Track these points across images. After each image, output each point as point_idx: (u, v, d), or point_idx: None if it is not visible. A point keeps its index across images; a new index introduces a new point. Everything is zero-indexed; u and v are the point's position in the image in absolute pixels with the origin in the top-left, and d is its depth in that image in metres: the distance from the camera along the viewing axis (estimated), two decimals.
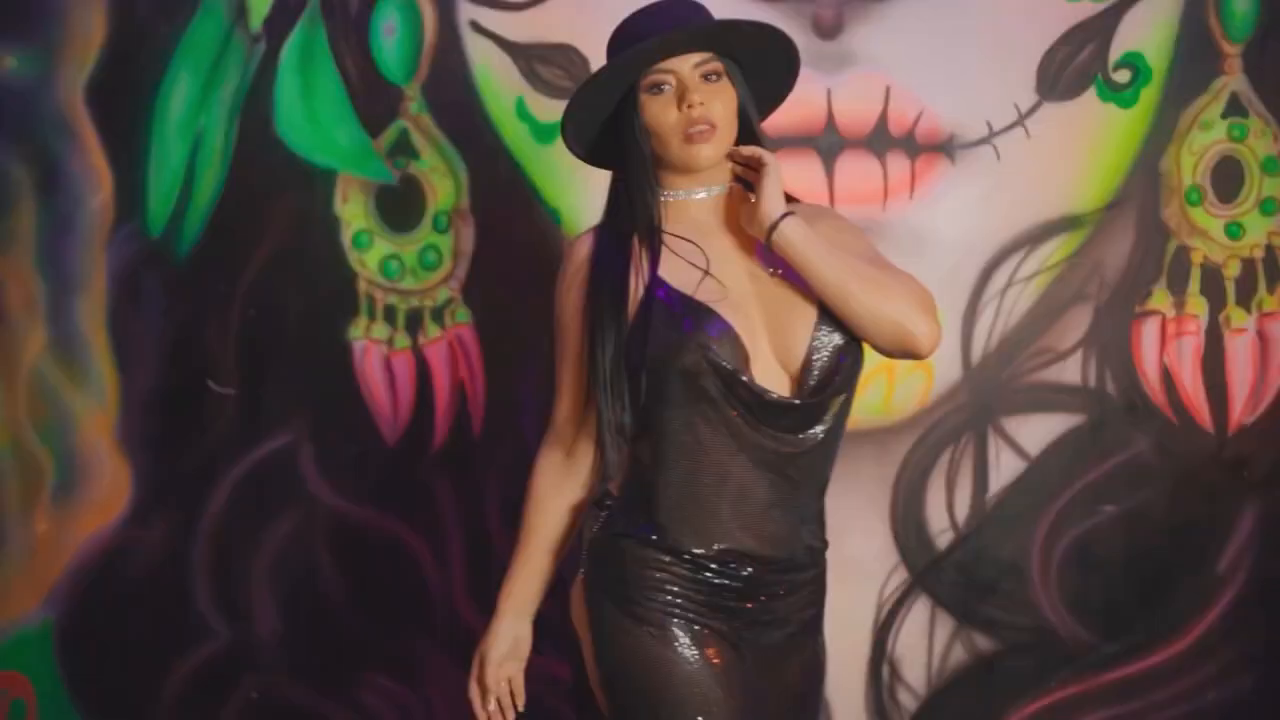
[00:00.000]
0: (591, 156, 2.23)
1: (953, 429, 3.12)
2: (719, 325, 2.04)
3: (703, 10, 2.14)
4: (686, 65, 2.09)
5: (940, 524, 3.14)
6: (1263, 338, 3.14)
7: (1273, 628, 3.15)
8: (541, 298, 3.02)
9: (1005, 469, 3.13)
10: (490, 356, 3.10)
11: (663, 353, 2.03)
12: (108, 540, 3.12)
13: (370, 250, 3.10)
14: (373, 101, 3.08)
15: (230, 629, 3.13)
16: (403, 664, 3.13)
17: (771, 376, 2.06)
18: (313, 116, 3.08)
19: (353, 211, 3.10)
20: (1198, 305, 3.13)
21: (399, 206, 3.09)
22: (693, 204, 2.16)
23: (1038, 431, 3.13)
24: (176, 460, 3.11)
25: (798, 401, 2.05)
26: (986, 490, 3.13)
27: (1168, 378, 3.13)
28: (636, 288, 2.09)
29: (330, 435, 3.10)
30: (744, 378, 2.03)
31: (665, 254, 2.11)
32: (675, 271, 2.10)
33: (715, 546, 2.06)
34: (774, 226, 2.06)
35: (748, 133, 2.15)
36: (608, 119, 2.15)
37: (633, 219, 2.12)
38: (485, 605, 3.06)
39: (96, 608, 3.13)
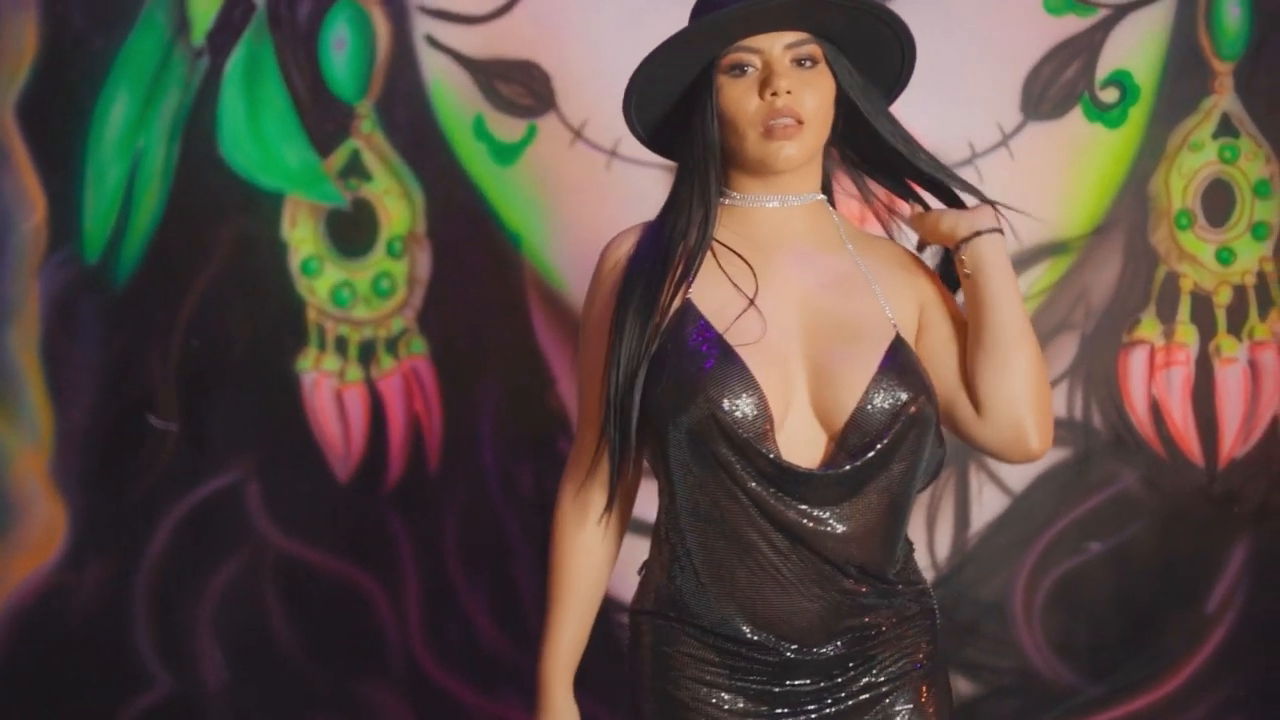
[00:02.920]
0: (655, 142, 1.98)
1: None
2: (741, 379, 1.77)
3: None
4: (777, 45, 1.83)
5: (920, 563, 3.02)
6: (1254, 368, 3.12)
7: (1265, 667, 3.13)
8: (501, 327, 2.99)
9: (988, 505, 3.09)
10: (447, 390, 3.03)
11: (670, 392, 1.78)
12: (42, 584, 3.04)
13: (320, 277, 3.03)
14: (322, 120, 3.01)
15: (173, 677, 3.06)
16: (357, 713, 3.06)
17: (803, 436, 1.80)
18: (259, 135, 3.01)
19: (301, 236, 3.02)
20: (1187, 334, 3.10)
21: (350, 231, 3.02)
22: (759, 212, 1.90)
23: (1021, 466, 3.02)
24: (115, 499, 3.04)
25: (829, 471, 1.77)
26: (968, 528, 3.09)
27: (1156, 409, 3.10)
28: (669, 300, 1.83)
29: (278, 473, 3.04)
30: (763, 449, 1.77)
31: (709, 268, 1.86)
32: (713, 293, 1.84)
33: (741, 629, 1.82)
34: (978, 234, 1.85)
35: (864, 130, 1.93)
36: (678, 101, 1.90)
37: (686, 219, 1.87)
38: (442, 649, 3.03)
39: (30, 656, 3.05)
